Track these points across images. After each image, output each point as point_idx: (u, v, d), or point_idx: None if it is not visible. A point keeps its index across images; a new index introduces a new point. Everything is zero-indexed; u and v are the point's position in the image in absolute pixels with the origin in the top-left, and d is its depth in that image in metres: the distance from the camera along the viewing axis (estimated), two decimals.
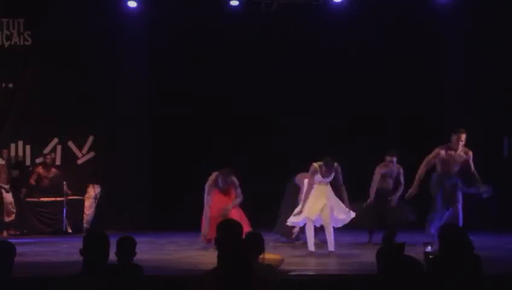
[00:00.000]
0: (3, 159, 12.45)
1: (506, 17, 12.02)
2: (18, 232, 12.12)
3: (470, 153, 9.16)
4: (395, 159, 10.15)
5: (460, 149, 9.08)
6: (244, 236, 4.71)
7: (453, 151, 9.08)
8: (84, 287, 3.83)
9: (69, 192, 12.37)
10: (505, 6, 11.99)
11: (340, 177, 9.11)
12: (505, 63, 12.06)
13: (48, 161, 12.60)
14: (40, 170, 12.59)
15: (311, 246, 8.91)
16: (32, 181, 12.51)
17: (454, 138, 9.06)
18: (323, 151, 9.51)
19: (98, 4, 12.45)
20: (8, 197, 12.30)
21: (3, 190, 12.25)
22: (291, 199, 10.18)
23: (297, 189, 10.05)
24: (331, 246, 8.88)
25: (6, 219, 12.22)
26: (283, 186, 10.61)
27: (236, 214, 9.31)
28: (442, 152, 9.09)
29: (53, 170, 12.64)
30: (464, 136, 9.03)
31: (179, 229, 11.81)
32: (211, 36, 12.40)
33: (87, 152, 13.01)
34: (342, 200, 9.08)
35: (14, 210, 12.28)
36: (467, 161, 9.14)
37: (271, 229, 10.37)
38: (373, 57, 12.25)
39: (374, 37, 12.23)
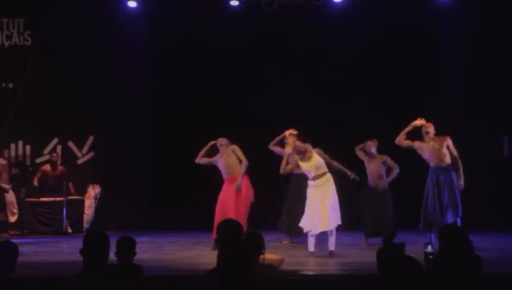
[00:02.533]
0: (4, 158, 12.46)
1: (506, 17, 12.03)
2: (18, 233, 12.13)
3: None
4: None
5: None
6: (244, 236, 4.70)
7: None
8: (84, 287, 3.83)
9: (73, 191, 12.40)
10: (504, 6, 12.00)
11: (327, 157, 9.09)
12: (505, 62, 12.06)
13: (54, 159, 12.61)
14: (46, 168, 12.59)
15: (311, 247, 8.90)
16: (35, 180, 12.50)
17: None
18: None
19: (98, 4, 12.45)
20: (10, 197, 12.31)
21: (4, 191, 12.28)
22: (293, 195, 10.17)
23: (298, 184, 10.04)
24: (331, 246, 8.87)
25: (11, 220, 12.24)
26: (283, 185, 10.62)
27: (238, 211, 9.35)
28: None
29: (59, 168, 12.64)
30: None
31: (179, 229, 11.81)
32: (211, 36, 12.40)
33: (87, 152, 13.02)
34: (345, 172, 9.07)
35: (16, 211, 12.29)
36: None
37: (277, 227, 10.41)
38: (373, 57, 12.25)
39: (374, 37, 12.24)
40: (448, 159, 9.18)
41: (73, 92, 12.73)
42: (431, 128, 9.28)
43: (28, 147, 12.99)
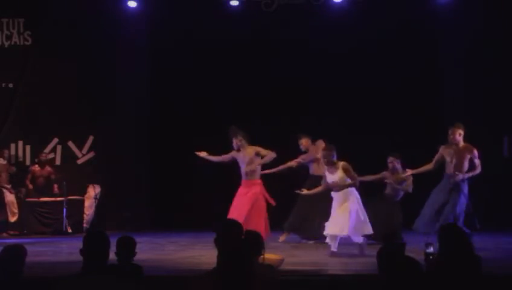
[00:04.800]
0: (4, 159, 12.47)
1: (506, 17, 12.02)
2: (18, 233, 12.13)
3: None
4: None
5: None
6: (244, 236, 4.70)
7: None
8: (84, 287, 3.83)
9: (57, 192, 12.39)
10: (504, 6, 12.00)
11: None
12: (505, 62, 12.06)
13: (43, 158, 12.59)
14: (35, 168, 12.60)
15: (335, 247, 8.88)
16: (28, 181, 12.50)
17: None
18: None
19: (98, 4, 12.45)
20: (10, 197, 12.30)
21: (5, 190, 12.26)
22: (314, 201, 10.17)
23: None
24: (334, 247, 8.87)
25: (12, 219, 12.23)
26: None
27: (258, 219, 9.38)
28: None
29: (48, 168, 12.62)
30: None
31: (179, 229, 11.81)
32: (211, 36, 12.40)
33: (87, 152, 13.01)
34: None
35: (17, 210, 12.29)
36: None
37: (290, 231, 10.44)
38: (373, 57, 12.25)
39: (374, 37, 12.23)
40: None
41: (73, 92, 12.72)
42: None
43: (28, 147, 12.99)
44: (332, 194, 8.98)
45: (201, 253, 9.22)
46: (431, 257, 6.05)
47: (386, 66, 12.22)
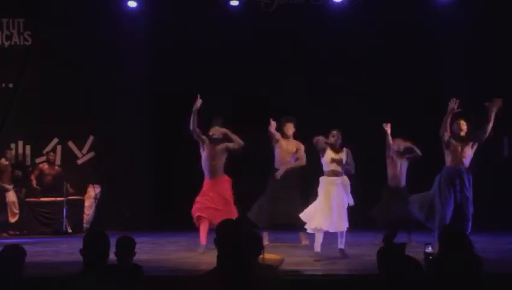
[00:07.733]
0: (6, 159, 12.48)
1: (506, 17, 12.03)
2: (18, 233, 12.14)
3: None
4: None
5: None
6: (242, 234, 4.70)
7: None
8: (84, 287, 3.83)
9: (71, 191, 12.40)
10: (504, 6, 12.00)
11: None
12: (505, 62, 12.06)
13: (51, 158, 12.64)
14: (44, 166, 12.60)
15: (318, 247, 8.82)
16: (33, 178, 12.51)
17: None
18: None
19: (98, 4, 12.46)
20: (11, 197, 12.30)
21: (7, 190, 12.27)
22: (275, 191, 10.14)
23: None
24: (340, 244, 8.83)
25: (11, 220, 12.23)
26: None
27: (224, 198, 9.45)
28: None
29: (56, 167, 12.67)
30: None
31: (179, 229, 11.81)
32: (211, 36, 12.41)
33: (87, 152, 13.02)
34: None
35: (17, 211, 12.29)
36: None
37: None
38: (372, 57, 12.25)
39: (374, 37, 12.24)
40: None
41: (73, 92, 12.73)
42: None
43: (28, 147, 13.00)
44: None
45: (201, 253, 9.22)
46: (431, 257, 6.05)
47: (386, 66, 12.22)
